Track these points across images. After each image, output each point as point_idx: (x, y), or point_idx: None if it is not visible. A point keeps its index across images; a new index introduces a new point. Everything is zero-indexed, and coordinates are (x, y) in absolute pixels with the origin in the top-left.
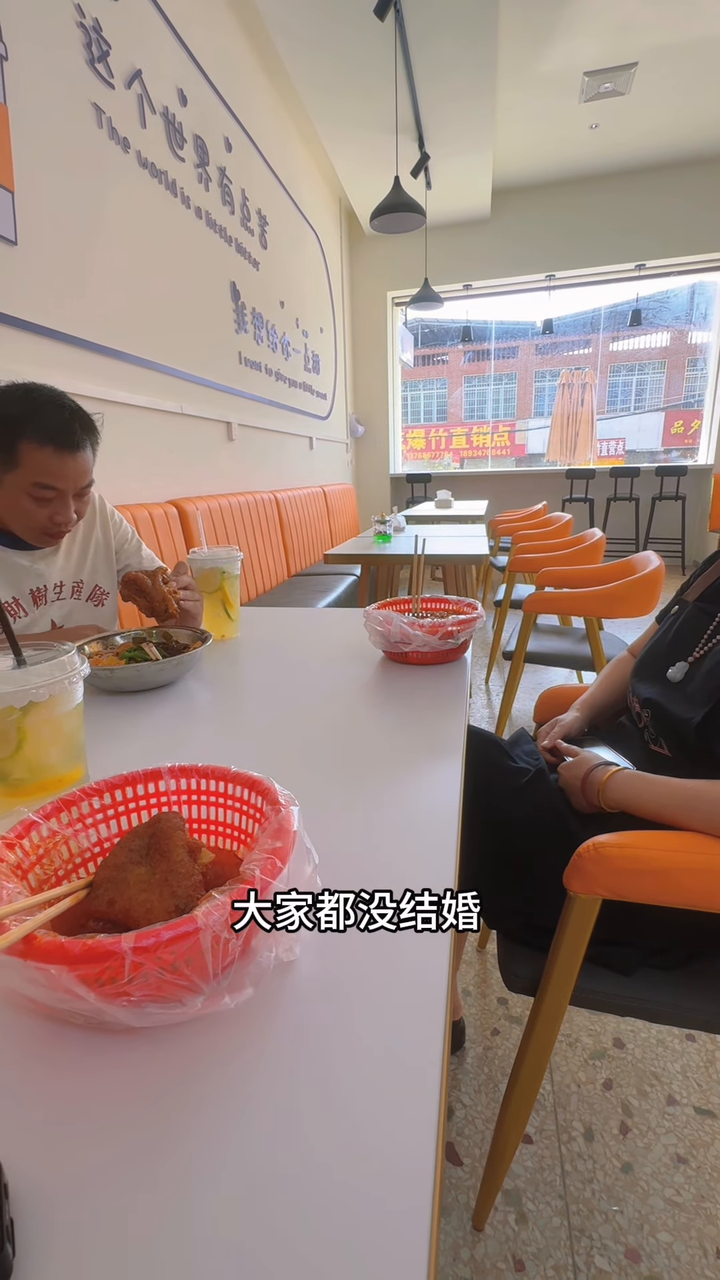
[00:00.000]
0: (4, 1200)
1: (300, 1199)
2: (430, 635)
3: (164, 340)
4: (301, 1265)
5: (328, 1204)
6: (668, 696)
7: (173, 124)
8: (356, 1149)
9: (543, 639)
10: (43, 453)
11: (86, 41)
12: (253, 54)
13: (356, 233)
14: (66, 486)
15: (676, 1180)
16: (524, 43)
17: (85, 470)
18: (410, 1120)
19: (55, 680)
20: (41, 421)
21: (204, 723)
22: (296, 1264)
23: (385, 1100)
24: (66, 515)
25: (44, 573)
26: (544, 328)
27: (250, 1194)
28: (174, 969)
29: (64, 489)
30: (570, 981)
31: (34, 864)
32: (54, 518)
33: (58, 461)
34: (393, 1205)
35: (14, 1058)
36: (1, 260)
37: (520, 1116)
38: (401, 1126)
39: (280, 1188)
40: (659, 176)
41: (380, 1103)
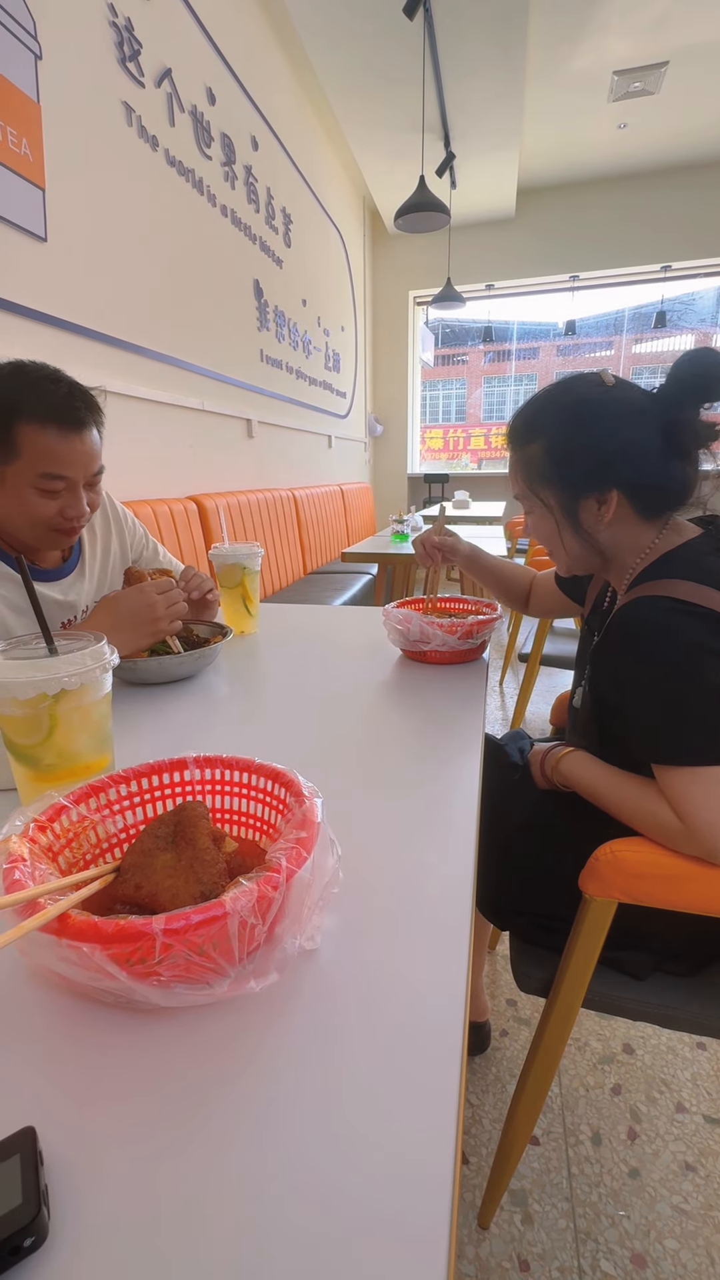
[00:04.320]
0: (39, 1167)
1: (319, 1178)
2: (450, 634)
3: (187, 337)
4: (318, 1243)
5: (347, 1188)
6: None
7: (201, 122)
8: (376, 1134)
9: (559, 642)
10: (45, 435)
11: (118, 40)
12: (280, 53)
13: (380, 231)
14: (76, 474)
15: (685, 1188)
16: (553, 41)
17: (94, 453)
18: (431, 1106)
19: (86, 669)
20: (38, 399)
21: (224, 715)
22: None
23: (406, 1087)
24: (79, 508)
25: (74, 603)
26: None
27: (271, 1173)
28: (202, 952)
29: (74, 477)
30: (583, 984)
31: (64, 847)
32: (65, 512)
33: (64, 444)
34: (413, 1189)
35: (47, 1034)
36: (32, 257)
37: (529, 1118)
38: (422, 1112)
39: (301, 1168)
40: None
41: (401, 1089)
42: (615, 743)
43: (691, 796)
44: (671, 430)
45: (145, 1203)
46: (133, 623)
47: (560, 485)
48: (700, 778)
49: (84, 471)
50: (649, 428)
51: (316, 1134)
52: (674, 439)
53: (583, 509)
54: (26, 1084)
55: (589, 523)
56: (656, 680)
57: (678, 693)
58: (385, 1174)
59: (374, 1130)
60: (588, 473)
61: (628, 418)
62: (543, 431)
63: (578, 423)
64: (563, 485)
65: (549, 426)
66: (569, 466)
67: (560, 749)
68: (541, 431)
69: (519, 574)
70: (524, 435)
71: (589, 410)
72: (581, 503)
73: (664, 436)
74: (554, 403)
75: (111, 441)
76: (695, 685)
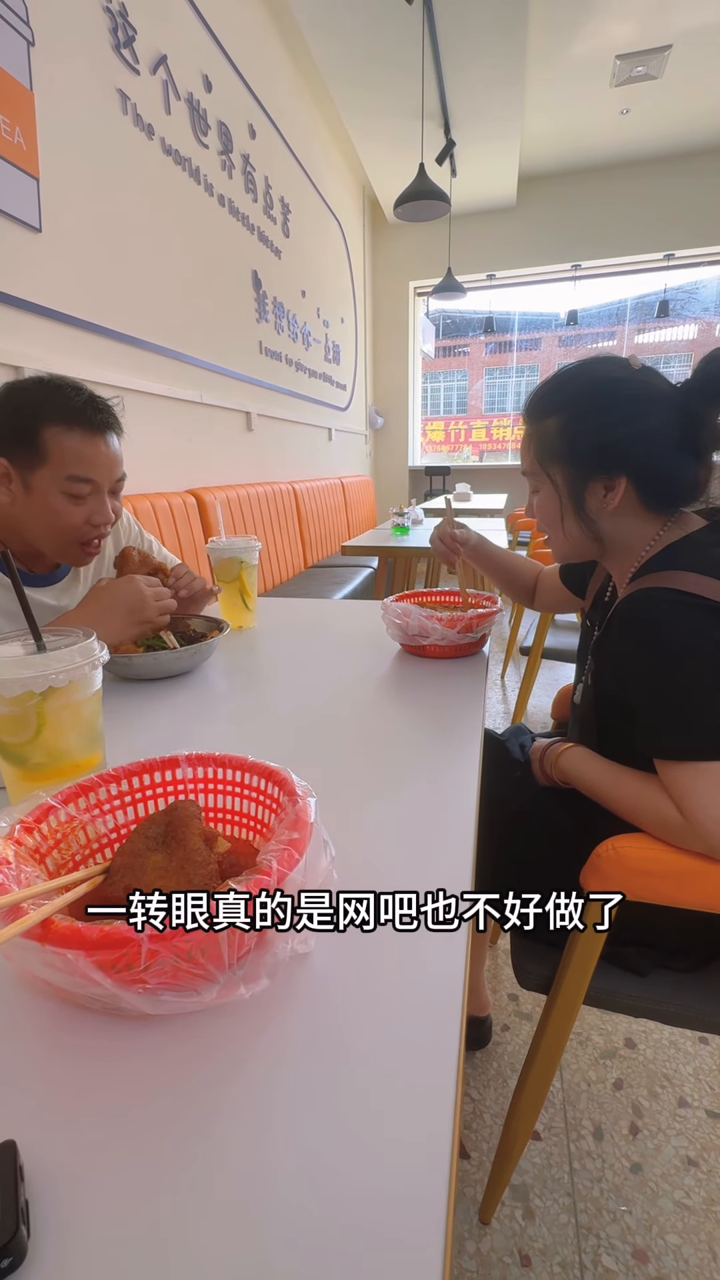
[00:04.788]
0: (19, 1182)
1: (312, 1188)
2: (449, 628)
3: (185, 329)
4: (313, 1252)
5: (341, 1192)
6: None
7: (197, 110)
8: (370, 1139)
9: (560, 635)
10: (71, 437)
11: (112, 26)
12: (278, 39)
13: (380, 221)
14: (102, 477)
15: (687, 1183)
16: (555, 26)
17: (117, 459)
18: (426, 1111)
19: (75, 666)
20: (63, 402)
21: (220, 712)
22: (308, 1251)
23: (400, 1091)
24: (105, 514)
25: (68, 608)
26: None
27: (262, 1181)
28: (189, 957)
29: (99, 480)
30: (584, 981)
31: (51, 848)
32: (92, 519)
33: (90, 445)
34: (408, 1195)
35: (31, 1041)
36: (26, 247)
37: (530, 1112)
38: (417, 1117)
39: (292, 1176)
40: (691, 163)
41: (395, 1094)
42: (617, 737)
43: (695, 791)
44: (691, 426)
45: (132, 1218)
46: (120, 610)
47: (570, 464)
48: (704, 772)
49: (109, 475)
50: (668, 419)
51: (311, 1142)
52: (692, 436)
53: (589, 492)
54: (8, 1094)
55: (593, 507)
56: (659, 673)
57: (681, 686)
58: (381, 1174)
59: (369, 1132)
60: (599, 454)
61: (648, 404)
62: (560, 408)
63: (596, 402)
64: (572, 464)
65: (567, 403)
66: (581, 445)
67: (559, 745)
68: (559, 407)
69: (525, 567)
70: (541, 409)
71: (609, 391)
72: (589, 485)
73: (682, 430)
74: (575, 379)
75: None
76: (699, 679)
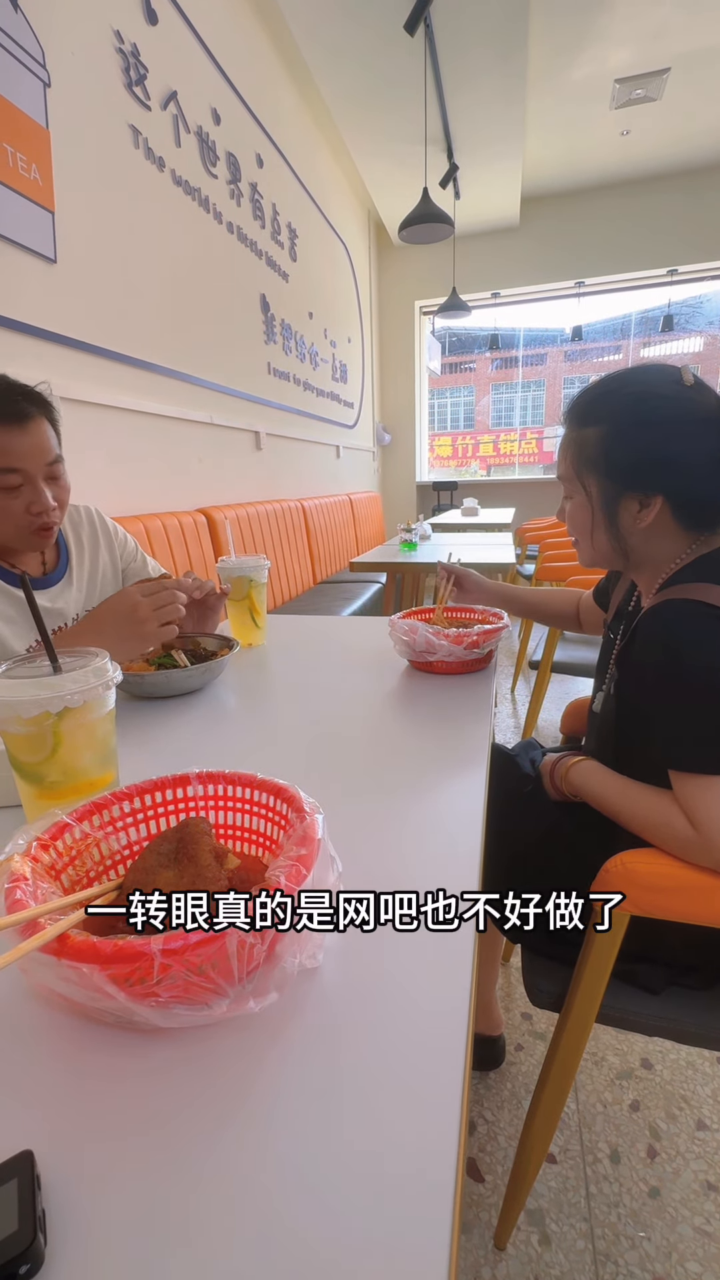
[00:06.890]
0: (37, 1192)
1: (320, 1203)
2: (455, 645)
3: (195, 352)
4: (320, 1269)
5: (348, 1210)
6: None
7: (206, 142)
8: (377, 1154)
9: (570, 648)
10: None
11: (125, 66)
12: (283, 70)
13: (385, 243)
14: (29, 466)
15: (707, 1208)
16: (554, 51)
17: (44, 445)
18: (432, 1126)
19: (90, 686)
20: None
21: (231, 729)
22: (314, 1267)
23: (407, 1106)
24: (42, 502)
25: (63, 610)
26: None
27: (270, 1196)
28: (200, 971)
29: (29, 469)
30: (596, 999)
31: (66, 865)
32: (30, 508)
33: (9, 437)
34: (413, 1212)
35: (47, 1054)
36: (43, 278)
37: (544, 1135)
38: (423, 1132)
39: (301, 1191)
40: (692, 181)
41: (402, 1109)
42: (633, 749)
43: (708, 805)
44: None
45: (145, 1226)
46: (116, 624)
47: (606, 477)
48: (718, 786)
49: (36, 462)
50: (712, 441)
51: (319, 1155)
52: None
53: (623, 508)
54: (25, 1105)
55: (625, 523)
56: (679, 685)
57: (701, 699)
58: (387, 1191)
59: (376, 1147)
60: (636, 472)
61: (693, 425)
62: (602, 418)
63: (638, 417)
64: (609, 478)
65: (610, 415)
66: (618, 460)
67: (570, 758)
68: (601, 418)
69: (563, 599)
70: (582, 417)
71: (654, 407)
72: (623, 501)
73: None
74: (622, 389)
75: (121, 456)
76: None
